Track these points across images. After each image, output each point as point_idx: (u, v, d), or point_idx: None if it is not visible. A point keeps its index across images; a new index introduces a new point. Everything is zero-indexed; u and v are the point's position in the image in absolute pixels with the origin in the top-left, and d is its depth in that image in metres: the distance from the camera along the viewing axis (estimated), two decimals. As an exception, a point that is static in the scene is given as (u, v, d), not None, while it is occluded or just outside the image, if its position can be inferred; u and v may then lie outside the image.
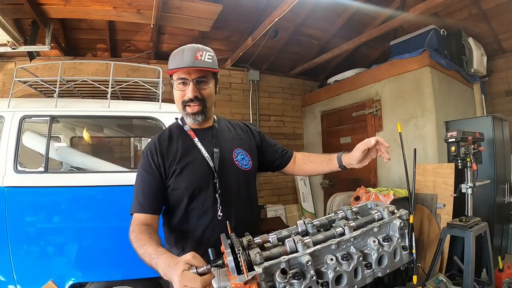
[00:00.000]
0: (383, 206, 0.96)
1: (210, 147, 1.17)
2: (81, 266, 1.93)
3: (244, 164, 1.21)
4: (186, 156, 1.14)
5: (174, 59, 1.11)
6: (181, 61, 1.08)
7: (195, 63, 1.07)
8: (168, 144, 1.17)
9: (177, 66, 1.08)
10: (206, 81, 1.13)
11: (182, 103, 1.13)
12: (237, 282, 0.64)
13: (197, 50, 1.09)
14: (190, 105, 1.12)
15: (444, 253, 2.45)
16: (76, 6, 2.79)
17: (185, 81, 1.10)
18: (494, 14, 3.55)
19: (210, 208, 1.12)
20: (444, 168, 2.72)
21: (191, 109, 1.13)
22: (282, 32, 3.93)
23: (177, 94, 1.14)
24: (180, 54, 1.10)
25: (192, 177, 1.12)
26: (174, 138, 1.19)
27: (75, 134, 3.18)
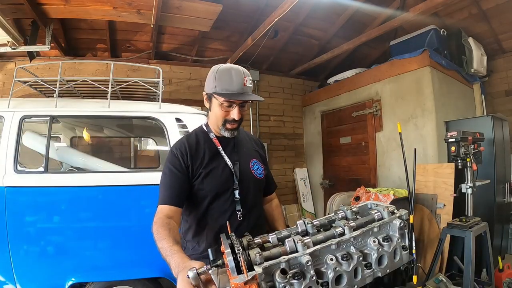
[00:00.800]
0: (383, 206, 0.96)
1: (232, 155, 1.30)
2: (81, 266, 1.93)
3: (259, 173, 1.35)
4: (212, 161, 1.26)
5: (222, 80, 1.17)
6: (231, 85, 1.16)
7: (244, 89, 1.17)
8: (196, 148, 1.27)
9: (228, 91, 1.16)
10: (246, 105, 1.24)
11: (224, 121, 1.24)
12: (237, 282, 0.64)
13: (244, 76, 1.17)
14: (231, 123, 1.24)
15: (444, 253, 2.45)
16: (76, 6, 2.79)
17: (231, 104, 1.20)
18: (494, 14, 3.55)
19: (229, 210, 1.24)
20: (444, 168, 2.72)
21: (231, 126, 1.24)
22: (282, 32, 3.93)
23: (220, 112, 1.22)
24: (228, 77, 1.16)
25: (216, 181, 1.24)
26: (201, 142, 1.30)
27: (75, 134, 3.17)
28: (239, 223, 1.24)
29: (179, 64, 4.19)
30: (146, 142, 3.85)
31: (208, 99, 1.26)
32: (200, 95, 1.29)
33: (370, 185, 3.55)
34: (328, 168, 4.63)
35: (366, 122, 3.80)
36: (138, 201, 2.02)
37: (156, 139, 3.48)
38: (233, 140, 1.33)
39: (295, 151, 4.97)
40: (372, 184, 3.64)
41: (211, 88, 1.20)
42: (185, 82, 4.20)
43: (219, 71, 1.19)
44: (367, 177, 3.83)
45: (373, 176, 3.71)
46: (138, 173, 2.40)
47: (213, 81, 1.18)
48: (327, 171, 4.65)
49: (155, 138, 3.49)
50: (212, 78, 1.20)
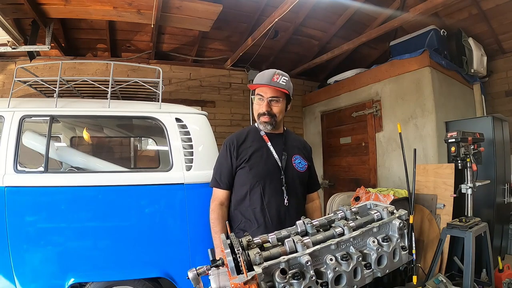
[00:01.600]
0: (383, 206, 0.96)
1: (279, 150, 1.51)
2: (81, 266, 1.92)
3: (300, 167, 1.54)
4: (259, 152, 1.48)
5: (258, 76, 1.46)
6: (262, 78, 1.42)
7: (272, 83, 1.39)
8: (243, 141, 1.51)
9: (256, 82, 1.43)
10: (277, 100, 1.45)
11: (258, 114, 1.49)
12: (236, 282, 0.64)
13: (275, 74, 1.41)
14: (264, 116, 1.46)
15: (444, 254, 2.45)
16: (76, 6, 2.79)
17: (261, 97, 1.44)
18: (494, 14, 3.55)
19: (277, 195, 1.45)
20: (444, 169, 2.72)
21: (263, 118, 1.47)
22: (282, 32, 3.93)
23: (255, 106, 1.49)
24: (262, 74, 1.44)
25: (262, 169, 1.45)
26: (250, 138, 1.53)
27: (75, 134, 3.17)
28: (286, 208, 1.44)
29: (179, 64, 4.19)
30: (146, 142, 3.85)
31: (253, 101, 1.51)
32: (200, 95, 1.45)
33: (370, 185, 3.55)
34: (328, 168, 4.63)
35: (366, 122, 3.80)
36: (138, 201, 2.02)
37: (156, 139, 3.48)
38: (282, 138, 1.56)
39: (295, 151, 4.96)
40: (372, 184, 3.64)
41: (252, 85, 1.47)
42: (185, 82, 4.20)
43: (258, 73, 1.48)
44: (367, 177, 3.83)
45: (373, 176, 3.71)
46: (138, 173, 2.39)
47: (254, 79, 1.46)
48: (327, 171, 4.65)
49: (155, 138, 3.49)
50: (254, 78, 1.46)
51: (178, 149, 2.11)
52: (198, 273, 0.73)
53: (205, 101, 4.28)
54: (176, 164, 2.09)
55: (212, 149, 2.23)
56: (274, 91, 1.42)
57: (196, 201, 2.05)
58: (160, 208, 2.05)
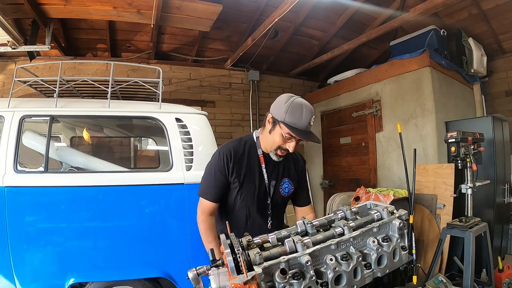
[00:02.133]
0: (383, 206, 0.96)
1: (270, 174, 1.48)
2: (81, 266, 1.93)
3: (286, 192, 1.53)
4: (251, 174, 1.45)
5: (293, 114, 1.30)
6: (299, 121, 1.29)
7: (307, 127, 1.32)
8: (240, 157, 1.44)
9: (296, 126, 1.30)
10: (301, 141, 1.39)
11: (278, 147, 1.39)
12: (236, 282, 0.64)
13: (312, 116, 1.32)
14: (282, 151, 1.40)
15: (444, 254, 2.45)
16: (76, 6, 2.79)
17: (291, 138, 1.35)
18: (494, 14, 3.55)
19: (260, 219, 1.47)
20: (444, 169, 2.72)
21: (281, 153, 1.41)
22: (282, 32, 3.93)
23: (278, 140, 1.37)
24: (299, 113, 1.29)
25: (252, 193, 1.45)
26: (246, 154, 1.46)
27: (75, 134, 3.17)
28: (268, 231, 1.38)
29: (179, 64, 4.19)
30: (146, 142, 3.85)
31: (272, 123, 1.38)
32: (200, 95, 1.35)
33: (370, 186, 3.55)
34: (328, 168, 4.63)
35: (366, 122, 3.80)
36: (138, 201, 2.02)
37: (156, 139, 3.48)
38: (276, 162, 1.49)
39: (295, 151, 4.96)
40: (372, 185, 3.64)
41: (280, 116, 1.32)
42: (185, 82, 4.20)
43: (293, 103, 1.31)
44: (367, 177, 3.83)
45: (373, 176, 3.71)
46: (138, 173, 2.39)
47: (285, 111, 1.30)
48: (327, 171, 4.65)
49: (155, 138, 3.49)
50: (284, 107, 1.31)
51: (178, 149, 2.11)
52: (198, 273, 0.73)
53: (205, 101, 4.28)
54: (176, 164, 2.09)
55: (212, 149, 2.23)
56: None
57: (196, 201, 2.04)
58: (160, 208, 2.05)
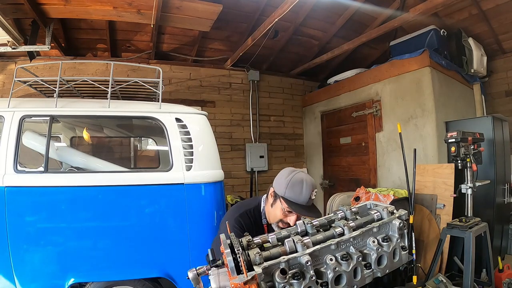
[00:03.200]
0: (383, 206, 0.96)
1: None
2: (81, 266, 1.93)
3: None
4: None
5: (293, 190, 1.34)
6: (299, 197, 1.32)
7: (308, 202, 1.33)
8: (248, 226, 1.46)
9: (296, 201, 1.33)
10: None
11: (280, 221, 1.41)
12: (236, 282, 0.64)
13: (312, 190, 1.34)
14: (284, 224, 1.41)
15: (444, 254, 2.45)
16: (76, 6, 2.79)
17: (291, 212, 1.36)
18: (494, 14, 3.55)
19: None
20: (444, 169, 2.72)
21: (282, 225, 1.42)
22: (282, 32, 3.93)
23: (279, 214, 1.40)
24: (299, 188, 1.33)
25: None
26: (254, 224, 1.50)
27: (75, 134, 3.17)
28: None
29: (179, 64, 4.19)
30: (146, 142, 3.85)
31: (274, 197, 1.43)
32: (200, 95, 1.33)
33: (370, 186, 3.55)
34: (328, 168, 4.63)
35: (366, 122, 3.80)
36: (138, 201, 2.02)
37: (156, 139, 3.49)
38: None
39: (295, 151, 4.97)
40: (372, 185, 3.64)
41: (281, 191, 1.37)
42: (185, 82, 4.20)
43: (293, 178, 1.37)
44: (367, 177, 3.83)
45: (373, 176, 3.71)
46: (138, 173, 2.39)
47: (285, 186, 1.35)
48: (327, 171, 4.65)
49: (155, 138, 3.49)
50: (284, 182, 1.37)
51: (178, 149, 2.11)
52: (198, 273, 0.73)
53: (205, 101, 4.28)
54: (176, 164, 2.09)
55: (212, 149, 2.23)
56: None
57: (196, 201, 2.05)
58: (160, 208, 2.05)
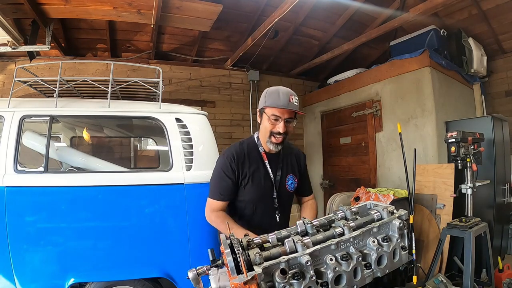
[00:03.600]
0: (383, 206, 0.96)
1: (275, 169, 1.56)
2: (81, 266, 1.93)
3: (291, 187, 1.62)
4: (256, 172, 1.51)
5: (271, 97, 1.41)
6: (278, 101, 1.38)
7: (289, 105, 1.38)
8: (243, 158, 1.51)
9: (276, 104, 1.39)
10: (292, 121, 1.46)
11: (270, 132, 1.45)
12: (236, 282, 0.64)
13: (290, 95, 1.40)
14: (276, 136, 1.45)
15: (444, 254, 2.45)
16: (76, 6, 2.79)
17: (277, 118, 1.42)
18: (494, 14, 3.55)
19: (268, 213, 1.54)
20: (444, 169, 2.72)
21: (275, 139, 1.46)
22: (282, 32, 3.93)
23: (268, 125, 1.45)
24: (276, 94, 1.40)
25: (259, 190, 1.51)
26: (249, 153, 1.53)
27: (75, 134, 3.17)
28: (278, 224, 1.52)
29: (179, 64, 4.19)
30: (146, 142, 3.85)
31: (260, 115, 1.49)
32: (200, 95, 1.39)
33: (370, 186, 3.55)
34: (328, 168, 4.63)
35: (366, 122, 3.80)
36: (138, 201, 2.02)
37: (156, 139, 3.49)
38: (279, 157, 1.57)
39: (295, 151, 4.97)
40: (372, 185, 3.64)
41: (262, 104, 1.45)
42: (185, 82, 4.20)
43: (269, 90, 1.46)
44: (367, 177, 3.83)
45: (373, 176, 3.71)
46: (138, 173, 2.39)
47: (264, 98, 1.44)
48: (327, 171, 4.65)
49: (155, 138, 3.49)
50: (263, 96, 1.46)
51: (178, 149, 2.11)
52: (198, 273, 0.73)
53: (205, 101, 4.28)
54: (176, 164, 2.09)
55: (212, 149, 2.23)
56: (291, 112, 1.43)
57: (196, 201, 2.05)
58: (160, 208, 2.05)
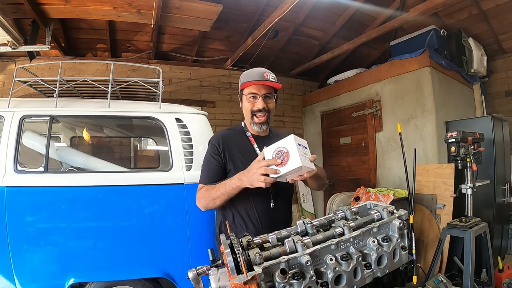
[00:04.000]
0: (383, 206, 0.96)
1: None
2: (81, 266, 1.93)
3: None
4: (244, 156, 1.41)
5: (246, 77, 1.41)
6: (252, 77, 1.38)
7: (264, 79, 1.37)
8: (230, 141, 1.45)
9: (247, 80, 1.38)
10: (271, 97, 1.42)
11: (251, 112, 1.41)
12: (236, 282, 0.64)
13: (265, 72, 1.38)
14: (258, 115, 1.41)
15: (444, 254, 2.45)
16: (76, 6, 2.79)
17: (255, 95, 1.39)
18: (494, 14, 3.55)
19: (263, 200, 1.40)
20: (444, 169, 2.72)
21: (258, 119, 1.41)
22: (282, 32, 3.93)
23: (247, 105, 1.42)
24: (250, 74, 1.40)
25: None
26: (236, 137, 1.47)
27: (75, 134, 3.18)
28: (272, 211, 1.42)
29: (179, 64, 4.19)
30: (146, 142, 3.85)
31: (240, 99, 1.46)
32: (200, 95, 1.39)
33: (370, 186, 3.55)
34: (328, 168, 4.62)
35: (366, 122, 3.80)
36: (138, 201, 2.02)
37: (156, 139, 3.49)
38: (268, 139, 1.46)
39: (295, 151, 4.96)
40: (372, 185, 3.64)
41: (240, 86, 1.43)
42: (185, 82, 4.20)
43: (244, 73, 1.44)
44: (367, 177, 3.83)
45: (373, 176, 3.71)
46: (138, 173, 2.40)
47: (240, 81, 1.43)
48: (327, 171, 4.58)
49: (155, 138, 3.49)
50: (240, 81, 1.44)
51: (178, 149, 2.11)
52: (198, 273, 0.73)
53: (205, 101, 4.28)
54: (176, 164, 2.09)
55: (212, 149, 2.23)
56: (268, 87, 1.39)
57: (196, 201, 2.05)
58: (160, 208, 2.05)
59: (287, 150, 1.07)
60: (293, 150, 1.06)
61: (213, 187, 1.31)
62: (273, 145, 1.13)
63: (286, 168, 1.06)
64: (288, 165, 1.06)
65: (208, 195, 1.32)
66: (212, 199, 1.31)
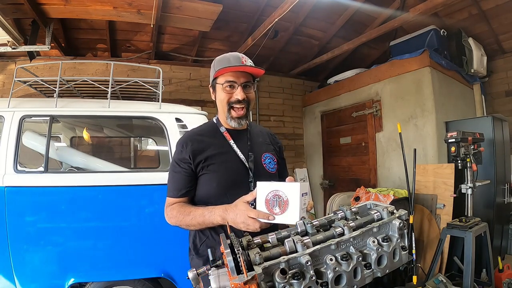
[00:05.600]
0: (383, 206, 0.96)
1: (245, 149, 1.24)
2: (81, 266, 1.93)
3: (271, 167, 1.29)
4: (221, 155, 1.21)
5: (221, 63, 1.17)
6: (229, 62, 1.15)
7: (243, 65, 1.14)
8: (199, 141, 1.21)
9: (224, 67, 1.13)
10: (250, 86, 1.20)
11: (228, 104, 1.18)
12: (236, 282, 0.64)
13: (242, 57, 1.17)
14: (236, 108, 1.18)
15: (444, 254, 2.45)
16: (76, 6, 2.79)
17: (233, 84, 1.16)
18: (494, 14, 3.55)
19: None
20: (444, 169, 2.72)
21: (236, 113, 1.19)
22: (282, 32, 3.93)
23: (223, 96, 1.18)
24: (225, 59, 1.17)
25: (227, 175, 1.19)
26: (207, 136, 1.24)
27: (75, 134, 3.18)
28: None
29: (179, 64, 4.19)
30: (146, 142, 3.85)
31: (213, 89, 1.24)
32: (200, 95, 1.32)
33: (370, 186, 3.55)
34: (328, 168, 4.63)
35: (366, 122, 3.80)
36: (138, 201, 2.02)
37: (156, 139, 3.49)
38: (246, 133, 1.29)
39: (295, 151, 4.97)
40: (372, 185, 3.64)
41: (212, 74, 1.20)
42: (185, 82, 4.21)
43: (216, 59, 1.22)
44: (367, 177, 3.83)
45: (373, 176, 3.71)
46: (138, 173, 2.39)
47: (213, 68, 1.20)
48: (327, 171, 4.65)
49: (155, 138, 3.49)
50: (211, 68, 1.22)
51: (178, 149, 2.11)
52: (198, 273, 0.73)
53: (205, 101, 4.28)
54: (176, 164, 2.08)
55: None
56: (247, 75, 1.17)
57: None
58: (160, 208, 2.04)
59: (287, 198, 0.91)
60: (294, 201, 0.91)
61: (188, 212, 1.12)
62: (271, 184, 0.95)
63: (280, 219, 0.92)
64: (283, 216, 0.91)
65: (182, 219, 1.14)
66: (185, 225, 1.15)
